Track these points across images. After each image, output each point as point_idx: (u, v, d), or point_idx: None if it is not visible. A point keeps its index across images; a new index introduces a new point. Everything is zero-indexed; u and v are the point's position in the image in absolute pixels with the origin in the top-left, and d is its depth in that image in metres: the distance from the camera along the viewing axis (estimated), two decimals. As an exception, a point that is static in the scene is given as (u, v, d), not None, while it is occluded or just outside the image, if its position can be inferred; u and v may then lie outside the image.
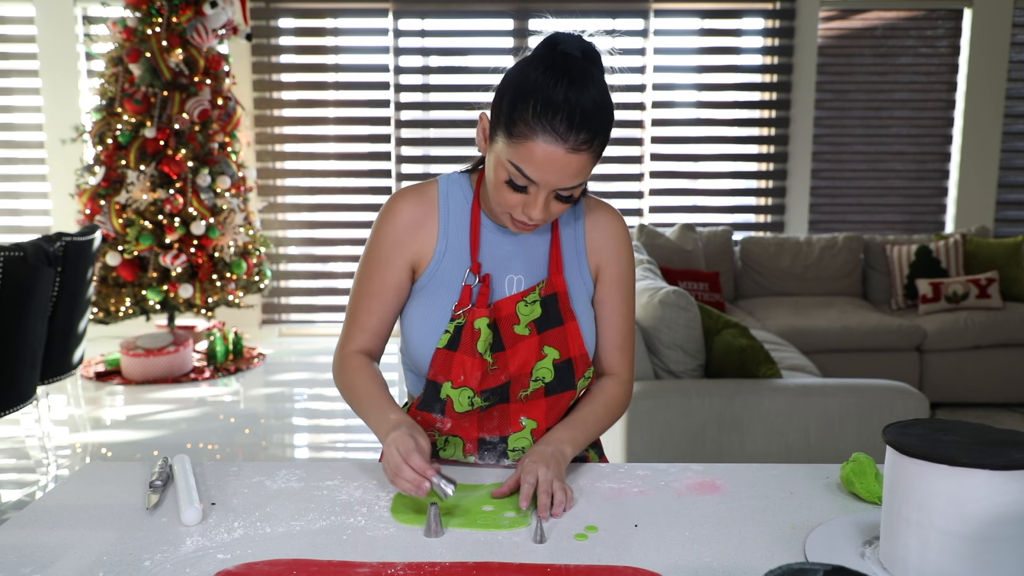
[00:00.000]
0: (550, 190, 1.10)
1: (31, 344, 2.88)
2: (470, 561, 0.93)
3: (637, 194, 5.52)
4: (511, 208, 1.14)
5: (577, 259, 1.27)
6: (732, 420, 2.40)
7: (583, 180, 1.10)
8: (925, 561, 0.84)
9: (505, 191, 1.12)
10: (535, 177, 1.08)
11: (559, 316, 1.23)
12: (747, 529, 1.02)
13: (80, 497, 1.11)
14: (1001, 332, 4.18)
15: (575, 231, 1.28)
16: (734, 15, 5.38)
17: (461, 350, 1.19)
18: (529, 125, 1.06)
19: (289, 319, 5.65)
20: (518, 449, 1.26)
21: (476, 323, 1.19)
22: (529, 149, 1.07)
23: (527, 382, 1.22)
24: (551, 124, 1.05)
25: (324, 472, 1.19)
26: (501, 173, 1.11)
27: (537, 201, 1.11)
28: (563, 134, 1.05)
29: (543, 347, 1.22)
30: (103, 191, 4.52)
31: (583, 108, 1.06)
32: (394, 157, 5.49)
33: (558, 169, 1.07)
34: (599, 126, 1.08)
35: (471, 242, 1.23)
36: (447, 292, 1.22)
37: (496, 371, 1.21)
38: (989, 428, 0.89)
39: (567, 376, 1.23)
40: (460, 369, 1.20)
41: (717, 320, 2.66)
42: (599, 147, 1.10)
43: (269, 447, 3.65)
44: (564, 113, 1.05)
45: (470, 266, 1.22)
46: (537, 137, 1.06)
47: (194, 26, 4.53)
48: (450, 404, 1.22)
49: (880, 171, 5.48)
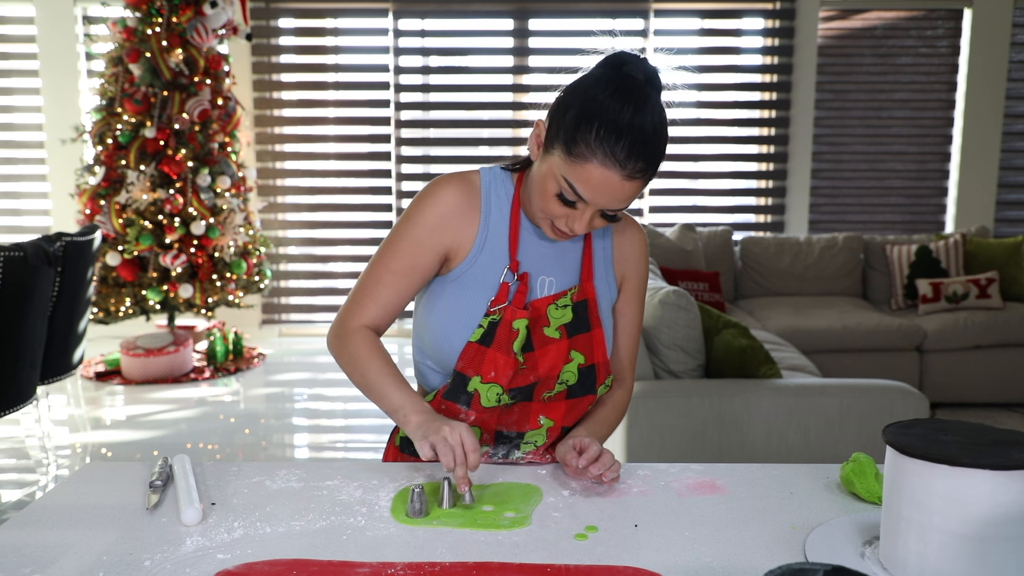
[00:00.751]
0: (598, 209, 1.13)
1: (31, 344, 2.88)
2: (470, 561, 0.93)
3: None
4: (555, 218, 1.16)
5: (605, 268, 1.30)
6: (732, 420, 2.40)
7: (631, 204, 1.14)
8: (925, 561, 0.84)
9: (553, 203, 1.14)
10: (587, 197, 1.10)
11: (587, 322, 1.25)
12: (747, 529, 1.02)
13: (80, 497, 1.11)
14: (1001, 332, 4.18)
15: (604, 241, 1.31)
16: (734, 15, 5.38)
17: (495, 347, 1.20)
18: (591, 147, 1.07)
19: (289, 319, 5.65)
20: (531, 442, 1.29)
21: (515, 323, 1.20)
22: (587, 171, 1.08)
23: (552, 384, 1.25)
24: (612, 150, 1.07)
25: (324, 472, 1.19)
26: (552, 185, 1.13)
27: (583, 218, 1.13)
28: (623, 161, 1.07)
29: (571, 351, 1.24)
30: (103, 191, 4.52)
31: (645, 137, 1.08)
32: (394, 157, 5.49)
33: (612, 193, 1.10)
34: (656, 155, 1.10)
35: (510, 240, 1.23)
36: (482, 287, 1.22)
37: (525, 371, 1.22)
38: (989, 428, 0.89)
39: (589, 381, 1.26)
40: (492, 365, 1.20)
41: (717, 320, 2.66)
42: (652, 174, 1.12)
43: (269, 447, 3.65)
44: (627, 140, 1.07)
45: (508, 264, 1.23)
46: (596, 160, 1.07)
47: (194, 26, 4.53)
48: (477, 398, 1.23)
49: (880, 171, 5.48)
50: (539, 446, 1.30)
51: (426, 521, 1.03)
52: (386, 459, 1.40)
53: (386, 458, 1.40)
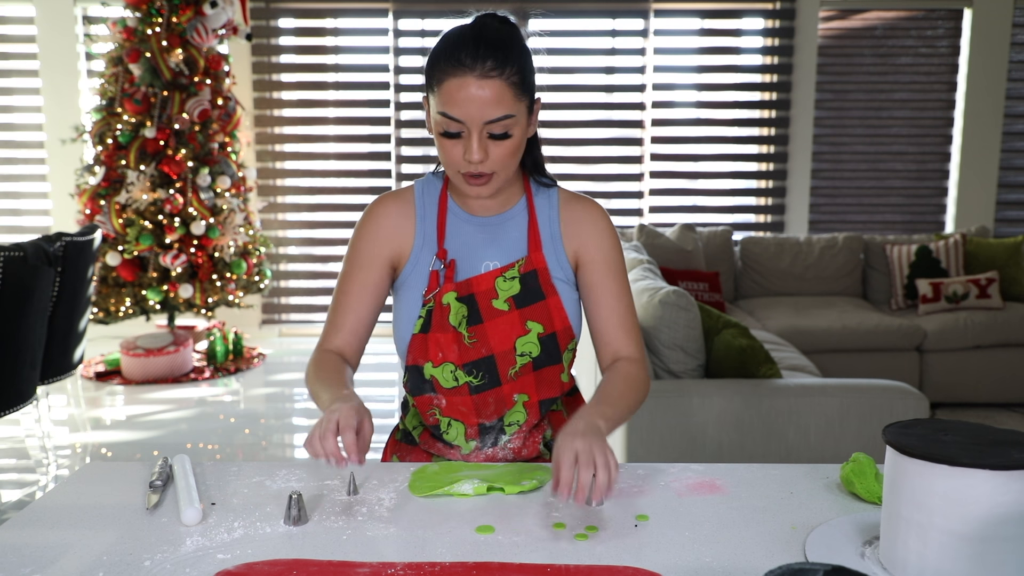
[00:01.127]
0: (480, 127, 1.14)
1: (31, 344, 2.88)
2: (470, 561, 0.93)
3: (637, 194, 5.52)
4: (457, 164, 1.18)
5: (553, 243, 1.30)
6: (732, 420, 2.40)
7: (506, 112, 1.14)
8: (925, 561, 0.84)
9: (445, 146, 1.18)
10: (458, 114, 1.14)
11: (540, 291, 1.26)
12: (747, 529, 1.02)
13: (80, 497, 1.11)
14: (1001, 332, 4.18)
15: (550, 219, 1.31)
16: (734, 15, 5.38)
17: (434, 329, 1.24)
18: (441, 68, 1.14)
19: (289, 319, 5.65)
20: (514, 423, 1.29)
21: (444, 298, 1.24)
22: (447, 91, 1.14)
23: (513, 358, 1.25)
24: (458, 60, 1.13)
25: (324, 472, 1.20)
26: (437, 130, 1.18)
27: (472, 143, 1.15)
28: (470, 65, 1.12)
29: (526, 322, 1.25)
30: (103, 191, 4.52)
31: (486, 38, 1.14)
32: (394, 157, 5.49)
33: (475, 99, 1.13)
34: (506, 55, 1.14)
35: (438, 230, 1.28)
36: (421, 282, 1.28)
37: (476, 344, 1.24)
38: (989, 428, 0.89)
39: (553, 349, 1.27)
40: (436, 348, 1.24)
41: (717, 320, 2.66)
42: (513, 77, 1.14)
43: (269, 447, 3.65)
44: (467, 44, 1.13)
45: (436, 252, 1.27)
46: (449, 76, 1.13)
47: (194, 26, 4.53)
48: (436, 382, 1.26)
49: (880, 171, 5.48)
50: (522, 425, 1.30)
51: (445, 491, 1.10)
52: (385, 459, 1.41)
53: (385, 458, 1.41)
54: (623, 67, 5.41)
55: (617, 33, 5.38)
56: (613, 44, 5.42)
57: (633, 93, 5.41)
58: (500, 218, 1.30)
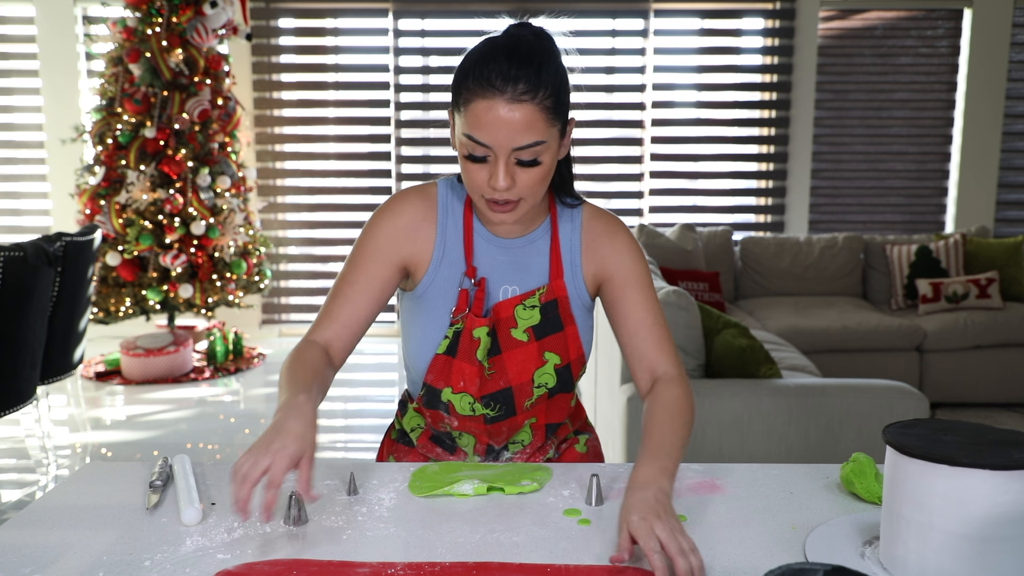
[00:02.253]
0: (507, 154, 1.08)
1: (31, 344, 2.88)
2: (470, 561, 0.93)
3: (637, 194, 5.52)
4: (481, 189, 1.11)
5: (572, 270, 1.25)
6: (732, 420, 2.40)
7: (537, 138, 1.07)
8: (925, 561, 0.84)
9: (470, 170, 1.11)
10: (485, 139, 1.07)
11: (559, 321, 1.22)
12: (747, 529, 1.02)
13: (80, 497, 1.11)
14: (1001, 332, 4.18)
15: (572, 243, 1.25)
16: (734, 15, 5.38)
17: (460, 357, 1.19)
18: (470, 89, 1.07)
19: (289, 319, 5.65)
20: (518, 443, 1.29)
21: (475, 332, 1.19)
22: (474, 113, 1.07)
23: (530, 390, 1.23)
24: (488, 80, 1.05)
25: (324, 472, 1.20)
26: (462, 152, 1.11)
27: (499, 169, 1.08)
28: (500, 87, 1.05)
29: (543, 353, 1.22)
30: (103, 191, 4.52)
31: (519, 57, 1.06)
32: (394, 157, 5.49)
33: (503, 124, 1.05)
34: (540, 78, 1.06)
35: (465, 246, 1.22)
36: (444, 299, 1.21)
37: (494, 375, 1.21)
38: (989, 428, 0.89)
39: (568, 379, 1.25)
40: (459, 375, 1.20)
41: (717, 320, 2.66)
42: (546, 100, 1.07)
43: (269, 447, 3.64)
44: (500, 66, 1.05)
45: (465, 270, 1.21)
46: (478, 98, 1.06)
47: (194, 26, 4.53)
48: (452, 407, 1.24)
49: (880, 171, 5.48)
50: (526, 445, 1.30)
51: (445, 491, 1.10)
52: (380, 458, 1.40)
53: (380, 457, 1.40)
54: (623, 67, 5.41)
55: (617, 33, 5.38)
56: (613, 44, 5.42)
57: (633, 93, 5.41)
58: (522, 241, 1.23)
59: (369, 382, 4.63)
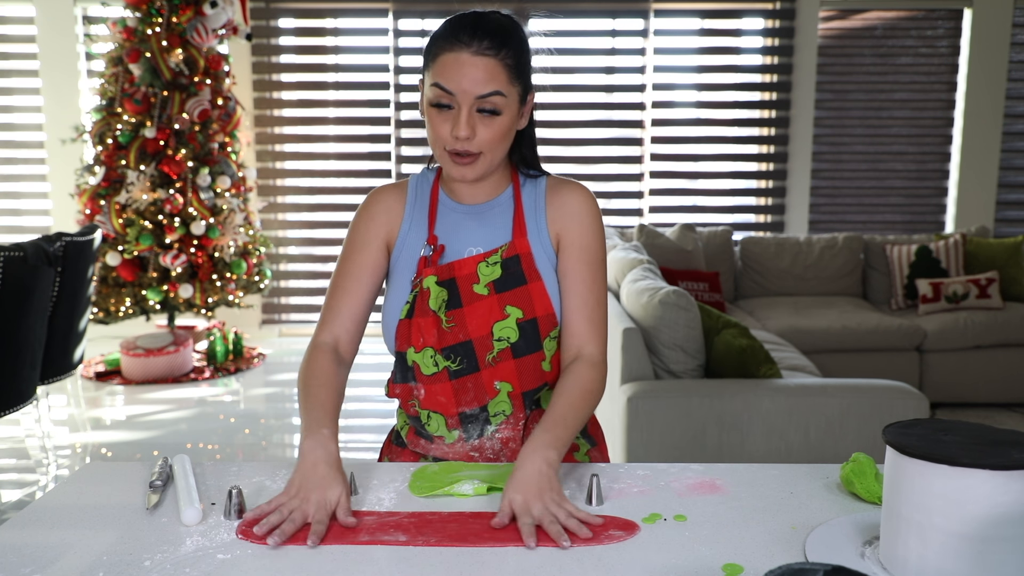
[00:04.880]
0: (470, 102, 1.16)
1: (31, 344, 2.88)
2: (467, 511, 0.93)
3: (637, 194, 5.52)
4: (444, 140, 1.19)
5: (538, 229, 1.29)
6: (732, 420, 2.40)
7: (497, 87, 1.17)
8: (925, 561, 0.84)
9: (435, 121, 1.19)
10: (450, 86, 1.16)
11: (522, 276, 1.25)
12: (747, 529, 1.02)
13: (80, 497, 1.11)
14: (1001, 332, 4.18)
15: (536, 204, 1.31)
16: (734, 15, 5.38)
17: (418, 314, 1.24)
18: (439, 44, 1.18)
19: (289, 319, 5.66)
20: (499, 413, 1.26)
21: (425, 282, 1.24)
22: (442, 64, 1.17)
23: (490, 343, 1.23)
24: (456, 36, 1.17)
25: (324, 472, 1.19)
26: (429, 102, 1.20)
27: (461, 117, 1.17)
28: (467, 41, 1.16)
29: (505, 307, 1.24)
30: (103, 191, 4.52)
31: (485, 19, 1.18)
32: (394, 157, 5.49)
33: (468, 73, 1.16)
34: (504, 39, 1.17)
35: (429, 217, 1.30)
36: (409, 269, 1.29)
37: (453, 328, 1.24)
38: (989, 428, 0.89)
39: (533, 336, 1.24)
40: (418, 332, 1.24)
41: (717, 320, 2.66)
42: (508, 60, 1.17)
43: (269, 447, 3.65)
44: (466, 24, 1.17)
45: (426, 238, 1.28)
46: (445, 51, 1.17)
47: (194, 26, 4.53)
48: (417, 369, 1.26)
49: (880, 171, 5.48)
50: (508, 415, 1.27)
51: (445, 491, 1.11)
52: (381, 459, 1.40)
53: (380, 459, 1.40)
54: (623, 67, 5.41)
55: (617, 33, 5.38)
56: (613, 44, 5.42)
57: (633, 93, 5.41)
58: (486, 205, 1.30)
59: (369, 382, 4.63)
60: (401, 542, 0.97)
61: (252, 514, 1.03)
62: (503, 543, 0.97)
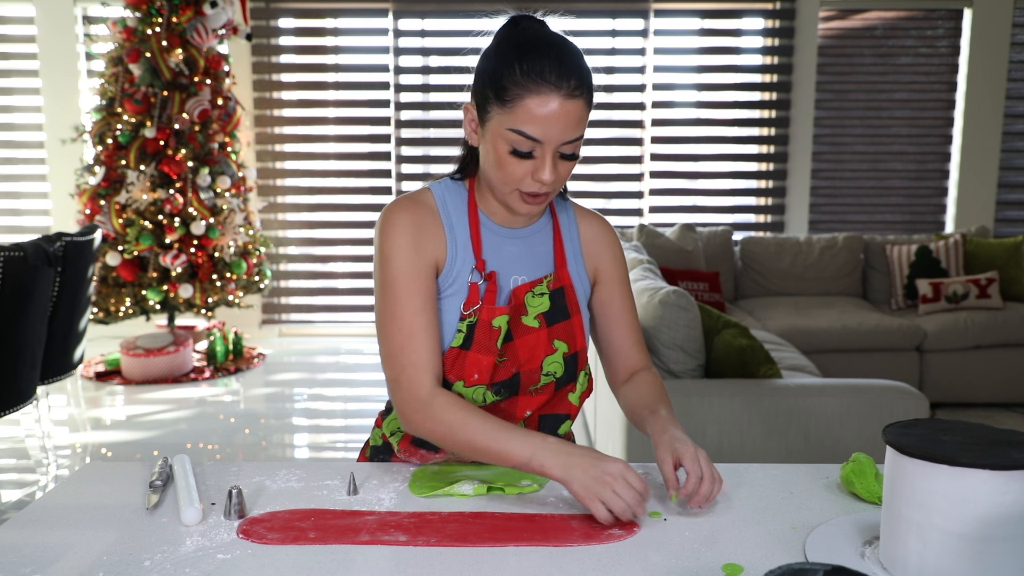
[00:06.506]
0: (555, 147, 1.10)
1: (31, 344, 2.88)
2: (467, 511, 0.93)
3: (637, 194, 5.52)
4: (520, 182, 1.12)
5: (575, 260, 1.28)
6: (732, 420, 2.40)
7: (583, 131, 1.11)
8: (925, 561, 0.84)
9: (511, 164, 1.11)
10: (539, 135, 1.08)
11: (566, 310, 1.24)
12: (747, 529, 1.02)
13: (80, 497, 1.11)
14: (1001, 332, 4.18)
15: (571, 234, 1.29)
16: (734, 15, 5.38)
17: (475, 348, 1.17)
18: (521, 85, 1.07)
19: (289, 319, 5.65)
20: None
21: (495, 321, 1.17)
22: (527, 108, 1.07)
23: (537, 376, 1.22)
24: (542, 76, 1.06)
25: (324, 472, 1.20)
26: (503, 147, 1.10)
27: (545, 163, 1.09)
28: (556, 83, 1.06)
29: (553, 340, 1.22)
30: (103, 191, 4.52)
31: (569, 55, 1.09)
32: (394, 157, 5.49)
33: (559, 119, 1.07)
34: (586, 74, 1.10)
35: (473, 241, 1.21)
36: (459, 295, 1.20)
37: (505, 363, 1.20)
38: (989, 428, 0.89)
39: (572, 370, 1.25)
40: (474, 368, 1.17)
41: (717, 320, 2.66)
42: (589, 95, 1.10)
43: (269, 447, 3.65)
44: (551, 61, 1.07)
45: (474, 264, 1.20)
46: (531, 94, 1.07)
47: (194, 26, 4.53)
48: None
49: (880, 171, 5.48)
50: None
51: (445, 491, 1.10)
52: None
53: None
54: (623, 67, 5.41)
55: (617, 33, 5.38)
56: (613, 44, 5.42)
57: (633, 93, 5.41)
58: (528, 230, 1.25)
59: (369, 382, 4.63)
60: (401, 542, 0.97)
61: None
62: (503, 543, 0.97)
